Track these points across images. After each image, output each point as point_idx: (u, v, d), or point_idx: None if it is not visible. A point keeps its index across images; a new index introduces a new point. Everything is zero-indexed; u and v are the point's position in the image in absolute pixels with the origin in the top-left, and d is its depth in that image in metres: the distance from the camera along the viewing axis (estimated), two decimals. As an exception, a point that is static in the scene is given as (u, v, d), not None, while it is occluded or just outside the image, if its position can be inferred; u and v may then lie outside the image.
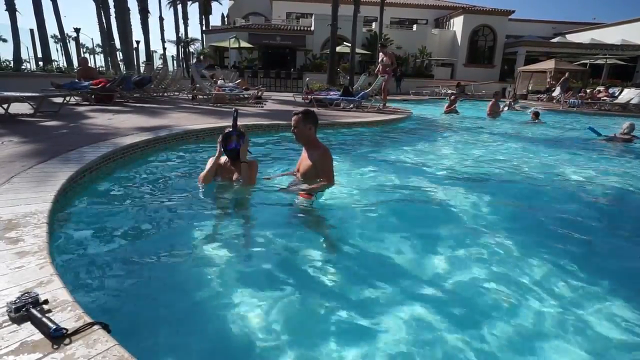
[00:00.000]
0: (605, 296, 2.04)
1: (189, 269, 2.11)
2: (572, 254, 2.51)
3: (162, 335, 1.60)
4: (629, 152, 6.62)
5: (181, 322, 1.70)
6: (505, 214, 3.33)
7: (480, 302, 1.96)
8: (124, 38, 19.45)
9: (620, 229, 3.26)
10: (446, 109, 12.08)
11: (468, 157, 5.64)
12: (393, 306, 1.85)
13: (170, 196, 3.26)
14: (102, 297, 1.81)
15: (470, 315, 1.84)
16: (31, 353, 1.11)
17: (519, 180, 4.51)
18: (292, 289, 1.96)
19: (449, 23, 28.70)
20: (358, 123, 7.94)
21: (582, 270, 2.28)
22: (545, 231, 2.96)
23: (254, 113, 8.57)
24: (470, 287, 2.07)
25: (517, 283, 2.12)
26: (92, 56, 59.07)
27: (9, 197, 2.39)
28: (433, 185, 3.96)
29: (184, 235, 2.48)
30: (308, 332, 1.66)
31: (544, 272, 2.24)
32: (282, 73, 21.59)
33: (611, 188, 4.34)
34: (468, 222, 3.03)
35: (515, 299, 1.96)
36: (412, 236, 2.66)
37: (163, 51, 39.22)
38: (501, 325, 1.76)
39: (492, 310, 1.88)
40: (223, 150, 3.01)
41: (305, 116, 3.00)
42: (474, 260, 2.37)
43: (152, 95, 11.01)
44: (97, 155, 3.60)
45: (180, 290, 1.94)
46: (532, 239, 2.77)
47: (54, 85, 8.60)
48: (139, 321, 1.68)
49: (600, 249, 2.80)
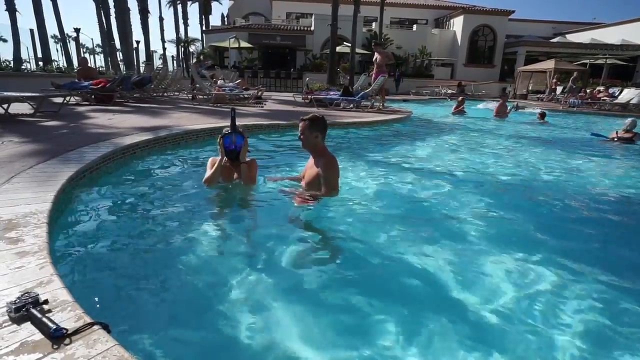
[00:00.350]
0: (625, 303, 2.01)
1: (189, 269, 2.11)
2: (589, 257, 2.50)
3: (162, 335, 1.60)
4: (632, 152, 6.61)
5: (182, 322, 1.70)
6: (515, 216, 3.32)
7: (489, 304, 1.95)
8: (124, 38, 19.45)
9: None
10: (454, 110, 12.18)
11: (475, 159, 5.64)
12: (394, 306, 1.85)
13: (170, 196, 3.26)
14: (102, 297, 1.80)
15: (472, 317, 1.84)
16: (31, 353, 1.11)
17: (524, 183, 4.51)
18: (292, 290, 1.96)
19: (449, 23, 28.70)
20: (358, 123, 7.94)
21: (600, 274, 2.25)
22: (560, 233, 2.95)
23: (254, 113, 8.57)
24: (478, 293, 2.07)
25: (541, 291, 2.09)
26: (92, 56, 59.05)
27: (9, 197, 2.39)
28: (433, 185, 3.96)
29: (184, 235, 2.48)
30: (308, 333, 1.66)
31: (563, 279, 2.20)
32: (282, 73, 21.61)
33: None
34: (471, 222, 3.02)
35: (538, 305, 1.95)
36: (413, 237, 2.66)
37: (163, 51, 39.24)
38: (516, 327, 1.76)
39: (502, 314, 1.87)
40: (224, 149, 2.98)
41: (312, 123, 2.83)
42: (478, 263, 2.36)
43: (152, 95, 11.01)
44: (97, 155, 3.60)
45: (181, 290, 1.94)
46: (542, 243, 2.76)
47: (54, 85, 8.60)
48: (139, 321, 1.68)
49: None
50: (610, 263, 2.50)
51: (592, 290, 2.08)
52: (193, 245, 2.38)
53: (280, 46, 25.44)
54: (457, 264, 2.30)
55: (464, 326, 1.73)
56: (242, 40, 18.41)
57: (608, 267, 2.35)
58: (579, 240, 2.87)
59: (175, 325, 1.69)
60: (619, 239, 3.04)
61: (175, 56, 41.49)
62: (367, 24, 26.52)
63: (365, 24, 26.11)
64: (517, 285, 2.10)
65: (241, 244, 2.48)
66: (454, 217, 3.11)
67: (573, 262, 2.37)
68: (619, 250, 2.82)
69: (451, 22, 28.35)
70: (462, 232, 2.81)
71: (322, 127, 2.88)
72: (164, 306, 1.82)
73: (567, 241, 2.80)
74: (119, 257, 2.20)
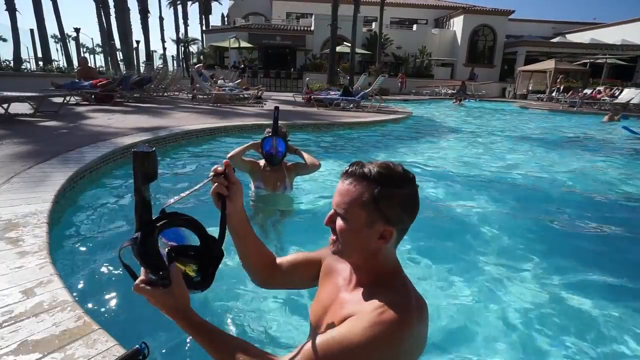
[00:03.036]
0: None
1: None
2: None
3: (162, 335, 1.60)
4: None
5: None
6: (514, 215, 3.32)
7: (495, 306, 1.96)
8: (124, 38, 19.43)
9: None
10: (455, 99, 15.94)
11: (475, 158, 5.64)
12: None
13: (170, 195, 3.25)
14: (102, 297, 1.80)
15: (478, 317, 1.84)
16: (31, 353, 1.11)
17: (523, 179, 4.52)
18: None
19: (449, 23, 28.67)
20: (358, 123, 7.94)
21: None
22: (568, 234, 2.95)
23: (254, 113, 8.57)
24: (482, 295, 2.07)
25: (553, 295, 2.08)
26: (92, 56, 58.99)
27: (9, 197, 2.39)
28: (432, 185, 3.96)
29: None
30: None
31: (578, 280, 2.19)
32: (282, 73, 21.60)
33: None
34: (474, 223, 3.02)
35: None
36: (414, 239, 2.66)
37: (163, 51, 39.17)
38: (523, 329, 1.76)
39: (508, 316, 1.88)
40: (263, 157, 2.60)
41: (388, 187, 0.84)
42: (478, 263, 2.37)
43: (152, 95, 11.01)
44: (97, 155, 3.60)
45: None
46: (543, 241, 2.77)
47: (54, 85, 8.59)
48: (140, 321, 1.67)
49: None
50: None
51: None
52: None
53: (280, 46, 25.42)
54: (458, 264, 2.30)
55: (467, 326, 1.73)
56: (242, 40, 18.39)
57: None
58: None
59: (175, 325, 1.68)
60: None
61: (175, 56, 41.46)
62: (367, 24, 26.50)
63: (365, 24, 26.09)
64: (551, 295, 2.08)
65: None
66: (456, 218, 3.10)
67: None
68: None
69: (451, 22, 28.32)
70: (466, 233, 2.81)
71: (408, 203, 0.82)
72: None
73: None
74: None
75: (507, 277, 2.18)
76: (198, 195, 2.75)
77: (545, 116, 13.29)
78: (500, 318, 1.81)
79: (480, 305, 1.91)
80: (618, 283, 2.21)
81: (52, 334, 1.19)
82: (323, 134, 6.80)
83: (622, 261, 2.58)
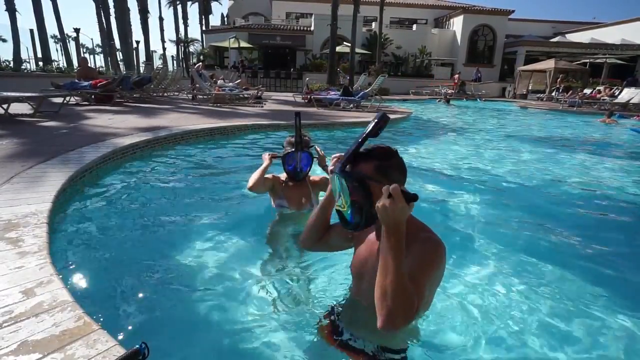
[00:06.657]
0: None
1: (189, 268, 2.11)
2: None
3: (162, 335, 1.60)
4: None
5: (182, 321, 1.70)
6: (516, 216, 3.33)
7: (499, 308, 1.96)
8: (123, 38, 19.45)
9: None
10: (454, 86, 17.59)
11: (470, 157, 5.64)
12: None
13: (169, 196, 3.26)
14: (102, 297, 1.80)
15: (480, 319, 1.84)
16: (31, 353, 1.11)
17: (518, 178, 4.52)
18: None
19: (448, 23, 28.66)
20: (358, 123, 7.94)
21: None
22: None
23: (254, 113, 8.57)
24: (487, 297, 2.07)
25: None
26: (92, 56, 59.08)
27: (9, 197, 2.39)
28: (432, 185, 3.96)
29: (183, 235, 2.48)
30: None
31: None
32: (282, 73, 21.58)
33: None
34: (474, 223, 3.02)
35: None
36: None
37: (163, 51, 39.19)
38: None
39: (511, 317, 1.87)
40: (285, 171, 2.25)
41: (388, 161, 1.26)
42: (479, 263, 2.37)
43: (152, 95, 11.01)
44: (97, 155, 3.60)
45: (181, 290, 1.94)
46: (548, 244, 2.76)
47: (54, 86, 8.59)
48: (140, 321, 1.67)
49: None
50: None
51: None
52: (193, 244, 2.38)
53: (280, 46, 25.41)
54: (457, 264, 2.30)
55: (467, 327, 1.73)
56: (242, 40, 18.41)
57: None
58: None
59: (176, 324, 1.69)
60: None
61: (175, 56, 41.46)
62: (367, 23, 26.49)
63: (365, 23, 26.08)
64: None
65: (231, 243, 2.47)
66: (457, 217, 3.10)
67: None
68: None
69: (451, 21, 28.31)
70: (469, 234, 2.81)
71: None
72: (164, 305, 1.82)
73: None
74: (119, 257, 2.19)
75: (507, 278, 2.17)
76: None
77: (545, 116, 13.29)
78: (499, 318, 1.81)
79: (479, 305, 1.91)
80: (618, 283, 2.21)
81: (52, 334, 1.19)
82: (323, 133, 6.80)
83: (622, 261, 2.58)
